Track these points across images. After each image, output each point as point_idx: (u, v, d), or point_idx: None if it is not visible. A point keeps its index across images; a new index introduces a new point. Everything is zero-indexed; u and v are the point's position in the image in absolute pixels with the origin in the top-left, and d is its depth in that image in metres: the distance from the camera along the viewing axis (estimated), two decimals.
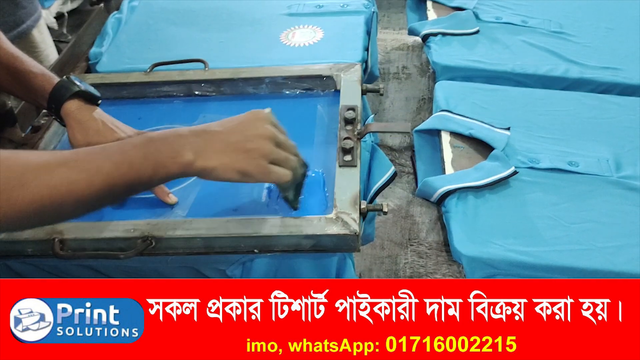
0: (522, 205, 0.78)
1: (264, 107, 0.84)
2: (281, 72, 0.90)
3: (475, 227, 0.74)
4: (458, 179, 0.80)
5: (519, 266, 0.71)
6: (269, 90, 0.91)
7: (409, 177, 1.15)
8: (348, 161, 0.74)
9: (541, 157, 0.85)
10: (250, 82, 0.91)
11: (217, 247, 0.68)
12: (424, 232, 1.05)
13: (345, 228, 0.66)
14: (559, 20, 1.19)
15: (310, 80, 0.90)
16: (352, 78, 0.87)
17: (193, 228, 0.68)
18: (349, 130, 0.77)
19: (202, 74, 0.92)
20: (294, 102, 0.90)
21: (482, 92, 0.99)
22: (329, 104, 0.88)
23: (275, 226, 0.67)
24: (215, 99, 0.93)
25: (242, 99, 0.92)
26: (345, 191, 0.70)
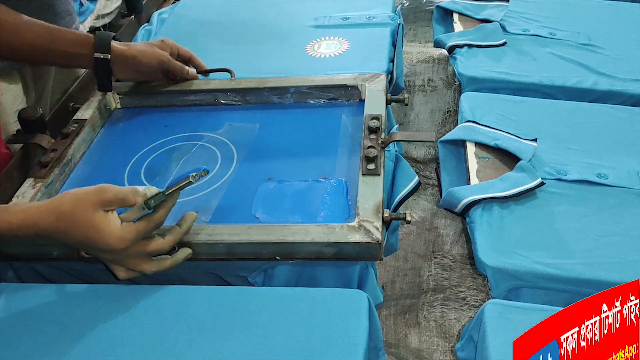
0: (548, 217, 0.77)
1: (287, 118, 0.90)
2: (306, 82, 0.91)
3: (500, 238, 0.73)
4: (483, 189, 0.79)
5: (545, 278, 0.69)
6: (294, 100, 0.92)
7: (433, 189, 1.14)
8: (371, 170, 0.73)
9: (569, 168, 0.83)
10: (275, 92, 0.92)
11: (239, 254, 0.68)
12: (448, 245, 1.04)
13: (367, 236, 0.65)
14: (587, 33, 1.17)
15: (335, 90, 0.90)
16: (377, 88, 0.87)
17: (216, 234, 0.68)
18: (372, 139, 0.77)
19: (228, 83, 0.94)
20: (319, 112, 0.91)
21: (509, 103, 0.98)
22: (353, 114, 0.88)
23: (298, 233, 0.67)
24: (241, 107, 0.94)
25: (267, 108, 0.93)
26: (368, 199, 0.70)
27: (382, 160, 0.75)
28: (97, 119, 0.92)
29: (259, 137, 0.87)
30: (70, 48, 0.84)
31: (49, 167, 0.81)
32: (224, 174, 0.80)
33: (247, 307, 0.64)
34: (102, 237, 0.60)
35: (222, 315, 0.63)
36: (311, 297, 0.64)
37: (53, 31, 0.83)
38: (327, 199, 0.74)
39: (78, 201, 0.60)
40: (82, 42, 0.84)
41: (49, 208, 0.60)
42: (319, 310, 0.63)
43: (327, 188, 0.75)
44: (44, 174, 0.80)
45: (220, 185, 0.72)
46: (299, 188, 0.76)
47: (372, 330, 0.63)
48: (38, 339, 0.62)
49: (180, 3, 1.33)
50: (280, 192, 0.75)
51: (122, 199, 0.61)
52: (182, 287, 0.68)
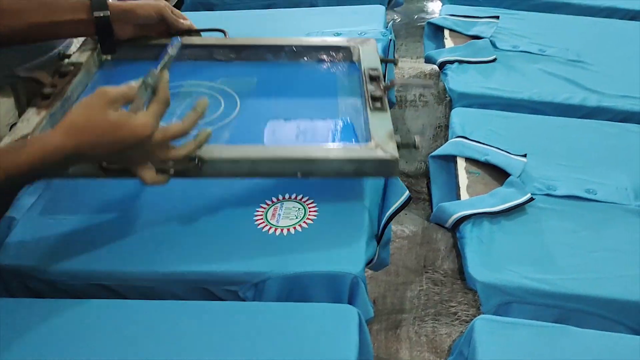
0: (538, 232, 0.77)
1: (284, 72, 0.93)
2: (301, 42, 0.94)
3: (490, 253, 0.74)
4: (473, 204, 0.79)
5: (534, 294, 0.70)
6: (288, 59, 0.95)
7: (424, 203, 1.15)
8: (378, 107, 0.78)
9: (558, 184, 0.84)
10: (270, 50, 0.94)
11: (262, 171, 0.72)
12: (440, 260, 1.04)
13: (386, 154, 0.71)
14: (576, 49, 1.19)
15: (328, 51, 0.94)
16: (370, 49, 0.92)
17: (240, 151, 0.72)
18: (375, 85, 0.82)
19: (224, 40, 0.96)
20: (314, 69, 0.94)
21: (499, 119, 0.99)
22: (347, 73, 0.92)
23: (319, 151, 0.72)
24: (236, 63, 0.95)
25: (262, 65, 0.94)
26: (380, 129, 0.75)
27: (386, 101, 0.80)
28: (91, 64, 0.91)
29: (259, 87, 0.89)
30: (69, 16, 0.84)
31: (51, 98, 0.81)
32: (229, 114, 0.82)
33: (237, 322, 0.64)
34: (126, 131, 0.59)
35: (212, 331, 0.63)
36: (302, 312, 0.64)
37: (49, 4, 0.84)
38: (336, 134, 0.78)
39: (88, 108, 0.59)
40: (79, 7, 0.84)
41: (64, 129, 0.59)
42: (310, 325, 0.63)
43: (335, 126, 0.80)
44: (46, 104, 0.80)
45: (227, 123, 0.76)
46: (307, 125, 0.80)
47: (363, 345, 0.63)
48: (25, 354, 0.62)
49: None
50: (289, 128, 0.80)
51: (123, 94, 0.61)
52: (172, 302, 0.67)
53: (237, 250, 0.74)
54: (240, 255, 0.73)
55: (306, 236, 0.75)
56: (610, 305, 0.70)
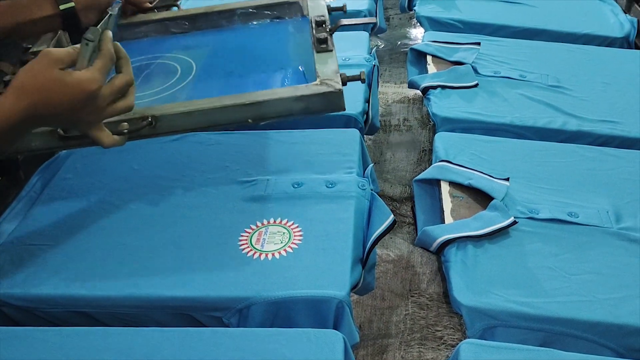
0: (522, 255, 0.78)
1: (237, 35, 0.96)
2: (250, 4, 0.98)
3: (474, 277, 0.74)
4: (457, 228, 0.80)
5: (519, 317, 0.70)
6: (242, 22, 0.99)
7: (409, 227, 1.15)
8: (324, 48, 0.83)
9: (540, 207, 0.85)
10: (222, 15, 0.97)
11: (214, 120, 0.74)
12: (425, 283, 1.04)
13: (330, 87, 0.74)
14: (556, 75, 1.21)
15: (278, 8, 0.99)
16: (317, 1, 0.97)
17: (190, 105, 0.74)
18: (321, 30, 0.87)
19: (177, 13, 1.00)
20: (267, 28, 0.99)
21: (481, 143, 1.00)
22: (299, 28, 0.96)
23: (267, 94, 0.74)
24: (192, 34, 0.98)
25: (217, 32, 0.98)
26: (325, 67, 0.79)
27: (331, 41, 0.84)
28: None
29: (215, 52, 0.93)
30: (36, 14, 0.84)
31: None
32: (186, 78, 0.85)
33: (221, 349, 0.63)
34: (73, 87, 0.58)
35: (195, 358, 0.62)
36: (286, 338, 0.64)
37: (13, 5, 0.84)
38: (288, 81, 0.83)
39: (33, 69, 0.58)
40: (43, 3, 0.84)
41: (13, 91, 0.58)
42: (295, 351, 0.62)
43: (287, 75, 0.84)
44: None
45: (183, 85, 0.80)
46: (261, 78, 0.85)
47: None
48: None
49: None
50: (243, 83, 0.84)
51: (67, 53, 0.60)
52: (154, 330, 0.66)
53: (220, 275, 0.73)
54: (224, 280, 0.73)
55: (291, 260, 0.75)
56: (594, 329, 0.70)
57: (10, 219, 0.84)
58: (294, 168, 0.91)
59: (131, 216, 0.84)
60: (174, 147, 0.98)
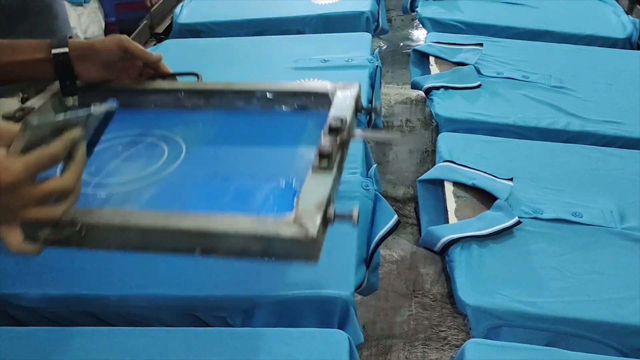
0: (526, 255, 0.78)
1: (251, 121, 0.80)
2: (274, 87, 0.82)
3: (479, 277, 0.74)
4: (461, 228, 0.80)
5: (524, 317, 0.70)
6: (260, 106, 0.83)
7: (412, 228, 1.15)
8: (323, 167, 0.63)
9: (545, 207, 0.85)
10: (241, 96, 0.83)
11: (154, 244, 0.59)
12: (429, 284, 1.04)
13: (300, 231, 0.55)
14: (559, 76, 1.21)
15: (304, 97, 0.81)
16: (348, 94, 0.78)
17: (131, 218, 0.58)
18: (331, 138, 0.66)
19: (193, 85, 0.85)
20: (284, 119, 0.81)
21: (485, 143, 1.00)
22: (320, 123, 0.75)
23: (223, 223, 0.57)
24: (203, 111, 0.84)
25: (230, 114, 0.83)
26: (312, 194, 0.59)
27: (337, 158, 0.65)
28: (46, 110, 0.80)
29: (215, 138, 0.78)
30: (29, 55, 0.78)
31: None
32: (164, 169, 0.71)
33: (226, 349, 0.63)
34: None
35: (201, 358, 0.62)
36: (291, 338, 0.64)
37: (12, 44, 0.79)
38: (273, 200, 0.65)
39: None
40: (40, 46, 0.78)
41: None
42: (300, 350, 0.62)
43: (277, 189, 0.66)
44: None
45: (160, 178, 0.67)
46: (245, 187, 0.67)
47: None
48: None
49: (162, 45, 1.35)
50: (222, 188, 0.68)
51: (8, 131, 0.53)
52: (159, 330, 0.66)
53: (225, 275, 0.73)
54: (228, 280, 0.73)
55: None
56: (598, 328, 0.70)
57: None
58: None
59: None
60: None
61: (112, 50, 0.79)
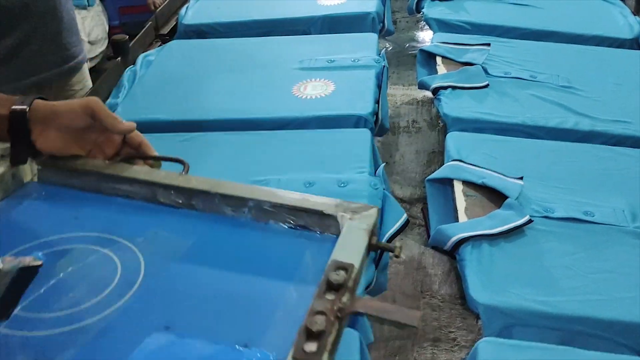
0: (538, 254, 0.77)
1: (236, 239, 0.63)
2: (271, 197, 0.64)
3: (491, 276, 0.73)
4: (472, 226, 0.79)
5: (536, 316, 0.69)
6: (252, 216, 0.65)
7: (420, 229, 1.14)
8: (310, 354, 0.44)
9: (556, 206, 0.84)
10: (229, 202, 0.66)
11: None
12: (437, 285, 1.03)
13: None
14: (566, 76, 1.21)
15: (306, 216, 0.64)
16: (361, 225, 0.59)
17: None
18: (328, 300, 0.49)
19: (174, 178, 0.68)
20: (278, 242, 0.63)
21: (494, 143, 0.99)
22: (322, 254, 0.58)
23: None
24: (182, 212, 0.67)
25: (213, 221, 0.66)
26: None
27: (332, 338, 0.46)
28: (8, 184, 0.67)
29: (184, 258, 0.61)
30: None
31: None
32: (110, 304, 0.54)
33: None
34: None
35: None
36: None
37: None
38: None
39: None
40: (5, 100, 0.66)
41: None
42: None
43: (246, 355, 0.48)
44: None
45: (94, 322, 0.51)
46: (201, 354, 0.50)
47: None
48: None
49: (167, 45, 1.35)
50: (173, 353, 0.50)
51: None
52: None
53: None
54: None
55: None
56: (612, 328, 0.69)
57: None
58: (305, 167, 0.91)
59: None
60: (183, 147, 0.98)
61: (76, 113, 0.66)
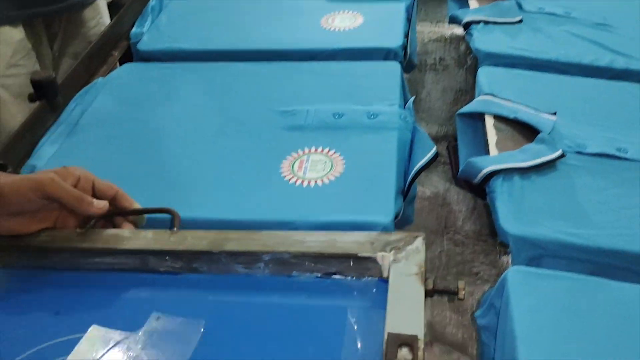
0: (569, 188, 0.76)
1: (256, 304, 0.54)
2: (290, 245, 0.53)
3: (521, 207, 0.72)
4: (503, 159, 0.78)
5: (567, 247, 0.69)
6: (271, 271, 0.55)
7: (445, 166, 1.14)
8: None
9: (588, 142, 0.83)
10: (239, 259, 0.54)
11: None
12: (461, 221, 1.03)
13: None
14: (602, 13, 1.16)
15: (336, 262, 0.52)
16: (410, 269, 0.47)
17: None
18: None
19: (165, 241, 0.56)
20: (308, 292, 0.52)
21: (526, 78, 0.97)
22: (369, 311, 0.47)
23: None
24: (184, 278, 0.56)
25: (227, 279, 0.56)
26: None
27: None
28: None
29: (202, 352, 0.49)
30: None
31: None
32: None
33: None
34: None
35: None
36: None
37: None
38: None
39: None
40: None
41: None
42: None
43: None
44: None
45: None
46: None
47: None
48: None
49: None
50: None
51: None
52: None
53: (263, 200, 0.73)
54: (266, 205, 0.72)
55: (334, 188, 0.74)
56: None
57: (50, 142, 0.84)
58: (334, 99, 0.90)
59: (170, 143, 0.84)
60: (211, 75, 0.97)
61: (25, 197, 0.56)
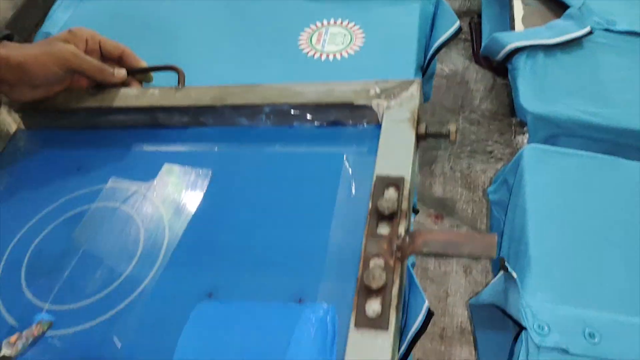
0: (594, 66, 0.74)
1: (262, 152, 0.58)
2: (289, 97, 0.57)
3: (543, 86, 0.72)
4: (528, 36, 0.76)
5: (584, 126, 0.69)
6: (272, 123, 0.59)
7: (465, 43, 1.11)
8: (373, 318, 0.38)
9: (619, 19, 0.80)
10: (241, 112, 0.58)
11: None
12: (478, 100, 1.03)
13: None
14: None
15: (334, 111, 0.56)
16: (402, 114, 0.48)
17: None
18: (381, 239, 0.40)
19: (172, 97, 0.60)
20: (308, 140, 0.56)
21: None
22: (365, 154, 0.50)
23: None
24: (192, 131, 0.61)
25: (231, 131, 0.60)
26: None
27: (396, 290, 0.38)
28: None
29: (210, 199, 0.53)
30: None
31: None
32: (141, 279, 0.48)
33: None
34: None
35: None
36: None
37: None
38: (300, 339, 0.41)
39: None
40: None
41: None
42: None
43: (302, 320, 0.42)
44: None
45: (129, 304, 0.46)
46: (255, 317, 0.44)
47: None
48: None
49: None
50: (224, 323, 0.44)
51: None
52: None
53: (280, 73, 0.72)
54: (284, 79, 0.71)
55: (353, 62, 0.73)
56: None
57: (63, 8, 0.82)
58: None
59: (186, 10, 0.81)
60: None
61: (51, 72, 0.60)
